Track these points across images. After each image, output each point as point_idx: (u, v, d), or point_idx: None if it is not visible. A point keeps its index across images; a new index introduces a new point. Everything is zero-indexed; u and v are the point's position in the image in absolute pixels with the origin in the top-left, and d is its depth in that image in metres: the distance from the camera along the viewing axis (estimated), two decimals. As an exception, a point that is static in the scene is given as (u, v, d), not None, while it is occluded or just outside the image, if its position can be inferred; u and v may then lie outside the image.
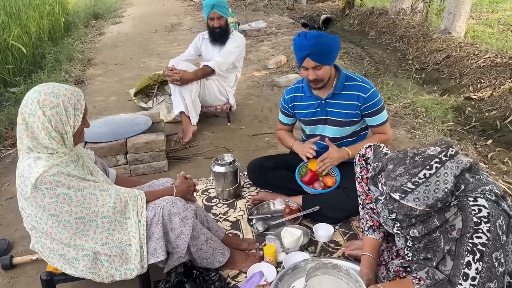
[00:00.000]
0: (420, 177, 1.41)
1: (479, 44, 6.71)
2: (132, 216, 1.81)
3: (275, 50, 6.44)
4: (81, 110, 1.74)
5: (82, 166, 1.82)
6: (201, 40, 3.95)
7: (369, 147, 1.95)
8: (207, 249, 2.01)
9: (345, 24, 10.93)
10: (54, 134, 1.65)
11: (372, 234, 1.95)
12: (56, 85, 1.70)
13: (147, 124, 3.30)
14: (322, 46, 2.23)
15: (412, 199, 1.44)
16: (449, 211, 1.53)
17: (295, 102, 2.57)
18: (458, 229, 1.50)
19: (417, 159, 1.45)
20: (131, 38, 8.20)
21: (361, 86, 2.40)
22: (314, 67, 2.27)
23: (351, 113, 2.43)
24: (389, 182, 1.49)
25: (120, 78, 5.73)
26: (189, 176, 2.12)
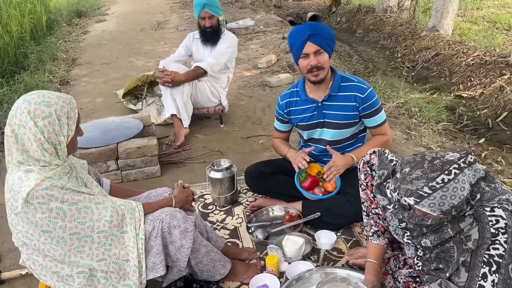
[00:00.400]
0: (438, 182, 1.36)
1: (467, 42, 6.74)
2: (130, 230, 1.72)
3: (265, 49, 6.36)
4: (74, 119, 1.64)
5: (76, 178, 1.72)
6: (191, 40, 3.84)
7: (373, 153, 1.90)
8: (208, 262, 1.93)
9: (332, 22, 10.89)
10: (47, 145, 1.55)
11: (377, 240, 1.89)
12: (46, 93, 1.60)
13: (138, 127, 3.20)
14: (320, 29, 2.21)
15: (428, 204, 1.38)
16: (464, 221, 1.48)
17: (291, 107, 2.49)
18: (474, 240, 1.45)
19: (436, 163, 1.39)
20: (116, 37, 8.02)
21: (358, 86, 2.34)
22: (316, 51, 2.20)
23: (349, 114, 2.37)
24: (403, 186, 1.43)
25: (106, 79, 5.59)
26: (187, 185, 2.03)
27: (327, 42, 2.23)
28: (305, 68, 2.26)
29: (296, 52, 2.25)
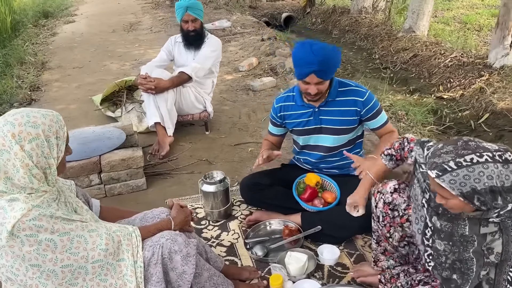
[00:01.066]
0: (466, 160, 1.28)
1: (444, 43, 6.81)
2: (127, 257, 1.57)
3: (245, 51, 6.24)
4: (63, 138, 1.49)
5: (65, 203, 1.55)
6: (173, 44, 3.68)
7: (394, 191, 1.78)
8: (210, 286, 1.80)
9: (307, 23, 10.88)
10: (36, 171, 1.38)
11: (386, 161, 1.86)
12: (29, 111, 1.43)
13: (121, 138, 3.01)
14: (329, 62, 2.10)
15: (449, 180, 1.29)
16: (486, 226, 1.40)
17: (285, 112, 2.41)
18: (497, 253, 1.39)
19: (470, 144, 1.31)
20: (87, 39, 7.71)
21: (356, 91, 2.30)
22: (317, 83, 2.13)
23: (347, 119, 2.31)
24: (431, 160, 1.34)
25: (80, 84, 5.33)
26: (184, 204, 1.89)
27: (331, 72, 2.17)
28: (303, 90, 2.23)
29: (298, 75, 2.18)
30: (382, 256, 1.97)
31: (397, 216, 1.77)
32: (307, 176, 2.39)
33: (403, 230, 1.79)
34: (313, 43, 2.14)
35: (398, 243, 1.84)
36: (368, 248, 2.26)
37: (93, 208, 1.84)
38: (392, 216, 1.79)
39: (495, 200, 1.29)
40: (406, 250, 1.87)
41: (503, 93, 4.61)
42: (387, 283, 1.92)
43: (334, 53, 2.14)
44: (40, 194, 1.43)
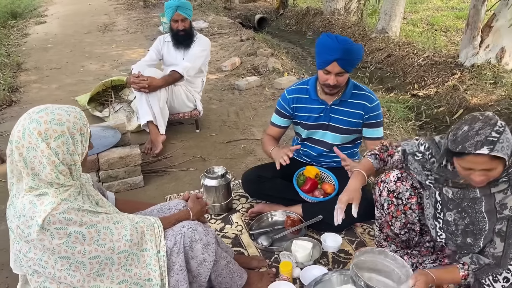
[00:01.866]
0: (499, 125, 1.43)
1: (415, 43, 7.10)
2: (151, 247, 1.61)
3: (225, 52, 6.30)
4: (87, 134, 1.51)
5: (87, 196, 1.59)
6: (162, 44, 3.70)
7: (398, 180, 1.88)
8: (226, 274, 1.87)
9: (281, 24, 11.04)
10: (62, 167, 1.41)
11: (372, 159, 1.94)
12: (54, 108, 1.45)
13: (116, 136, 3.03)
14: (352, 53, 2.16)
15: (500, 147, 1.41)
16: (497, 186, 1.55)
17: (298, 104, 2.45)
18: (510, 207, 1.53)
19: (487, 115, 1.47)
20: (62, 40, 7.58)
21: (368, 96, 2.37)
22: (338, 73, 2.18)
23: (353, 121, 2.39)
24: (470, 141, 1.43)
25: (60, 85, 5.25)
26: (200, 195, 1.95)
27: (353, 66, 2.22)
28: (322, 81, 2.25)
29: (320, 64, 2.22)
30: (384, 242, 2.09)
31: (401, 204, 1.88)
32: (307, 168, 2.48)
33: (406, 217, 1.90)
34: (338, 35, 2.22)
35: (399, 231, 1.95)
36: (368, 235, 2.38)
37: (109, 200, 1.87)
38: (397, 204, 1.89)
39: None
40: (406, 237, 1.99)
41: (475, 90, 4.88)
42: (390, 266, 2.03)
43: (357, 47, 2.20)
44: (67, 188, 1.46)
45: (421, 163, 1.77)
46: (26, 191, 1.43)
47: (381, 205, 1.96)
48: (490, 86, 4.95)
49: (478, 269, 1.57)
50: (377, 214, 2.02)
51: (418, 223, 1.90)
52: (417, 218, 1.88)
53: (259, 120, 3.97)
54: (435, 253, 1.98)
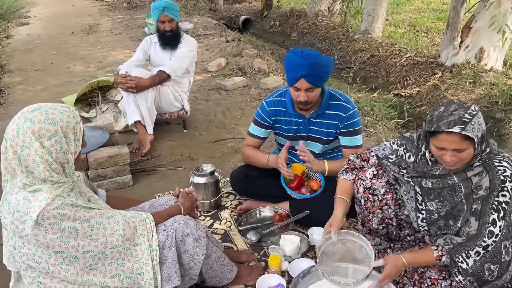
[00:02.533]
0: (473, 109, 1.55)
1: (398, 44, 7.25)
2: (143, 241, 1.65)
3: (211, 52, 6.34)
4: (80, 133, 1.54)
5: (80, 193, 1.62)
6: (149, 44, 3.73)
7: (373, 177, 1.93)
8: (217, 267, 1.91)
9: (266, 25, 11.12)
10: (55, 165, 1.45)
11: (345, 175, 2.03)
12: (47, 107, 1.48)
13: (104, 136, 3.05)
14: (319, 68, 2.14)
15: (471, 128, 1.52)
16: (472, 170, 1.65)
17: (277, 116, 2.46)
18: (485, 188, 1.63)
19: (462, 101, 1.60)
20: (46, 41, 7.51)
21: (343, 106, 2.35)
22: (308, 88, 2.17)
23: (331, 132, 2.41)
24: (444, 120, 1.54)
25: (45, 86, 5.23)
26: (191, 190, 1.99)
27: (322, 80, 2.20)
28: (294, 98, 2.26)
29: (289, 81, 2.22)
30: (368, 235, 2.16)
31: (377, 200, 1.95)
32: (293, 166, 2.54)
33: (382, 213, 1.97)
34: (304, 50, 2.21)
35: (377, 226, 2.02)
36: (353, 229, 2.45)
37: (100, 197, 1.90)
38: (373, 200, 1.95)
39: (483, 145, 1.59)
40: (385, 231, 2.06)
41: (456, 89, 5.02)
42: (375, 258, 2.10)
43: (325, 60, 2.18)
44: (60, 185, 1.49)
45: (396, 164, 1.84)
46: (20, 188, 1.46)
47: (359, 201, 2.02)
48: (469, 85, 5.10)
49: (452, 248, 1.66)
50: (357, 209, 2.09)
51: (394, 218, 1.96)
52: (393, 213, 1.94)
53: (246, 119, 4.02)
54: (417, 245, 2.05)
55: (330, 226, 1.87)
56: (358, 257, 1.84)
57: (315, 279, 2.00)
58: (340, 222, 1.89)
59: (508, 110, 4.43)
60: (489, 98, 4.69)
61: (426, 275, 1.83)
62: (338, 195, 2.00)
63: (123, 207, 1.91)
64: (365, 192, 1.95)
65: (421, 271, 1.86)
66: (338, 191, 2.02)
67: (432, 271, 1.82)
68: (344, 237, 1.89)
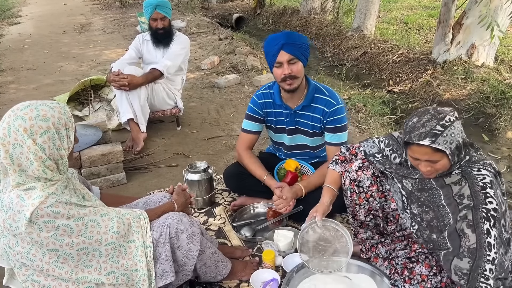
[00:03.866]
0: (447, 120, 1.53)
1: (390, 41, 7.27)
2: (137, 238, 1.66)
3: (204, 50, 6.34)
4: (72, 129, 1.54)
5: (74, 190, 1.62)
6: (141, 42, 3.73)
7: (359, 169, 1.95)
8: (211, 263, 1.92)
9: (259, 24, 11.10)
10: (49, 162, 1.44)
11: (334, 167, 2.06)
12: (37, 104, 1.47)
13: (97, 134, 3.04)
14: (294, 37, 2.21)
15: (442, 141, 1.52)
16: (449, 177, 1.65)
17: (268, 109, 2.49)
18: (467, 196, 1.62)
19: (438, 110, 1.57)
20: (38, 41, 7.47)
21: (327, 101, 2.36)
22: (289, 60, 2.18)
23: (316, 125, 2.42)
24: (416, 132, 1.54)
25: (37, 85, 5.20)
26: (185, 187, 2.00)
27: (301, 51, 2.22)
28: (279, 77, 2.26)
29: (271, 60, 2.24)
30: (360, 228, 2.17)
31: (362, 192, 1.96)
32: (287, 162, 2.56)
33: (368, 204, 1.98)
34: None
35: (365, 218, 2.04)
36: (346, 223, 2.47)
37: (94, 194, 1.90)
38: (358, 192, 1.97)
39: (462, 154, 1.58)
40: (373, 223, 2.07)
41: (448, 85, 5.05)
42: (368, 252, 2.13)
43: (299, 34, 2.28)
44: (54, 182, 1.49)
45: (381, 163, 1.86)
46: (13, 187, 1.45)
47: (346, 193, 2.04)
48: (461, 81, 5.13)
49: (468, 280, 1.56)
50: (346, 202, 2.10)
51: (380, 210, 1.98)
52: (378, 205, 1.96)
53: (239, 117, 4.03)
54: (405, 240, 2.07)
55: (316, 212, 1.91)
56: (337, 246, 1.92)
57: (309, 274, 2.01)
58: (326, 209, 1.95)
59: (499, 105, 4.47)
60: (480, 94, 4.72)
61: (416, 271, 1.85)
62: (326, 184, 2.05)
63: (117, 204, 1.91)
64: (351, 184, 1.98)
65: (411, 266, 1.88)
66: (327, 181, 2.07)
67: (422, 267, 1.84)
68: (327, 224, 1.94)
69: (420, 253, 1.88)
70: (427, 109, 1.60)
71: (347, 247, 1.88)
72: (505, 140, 4.20)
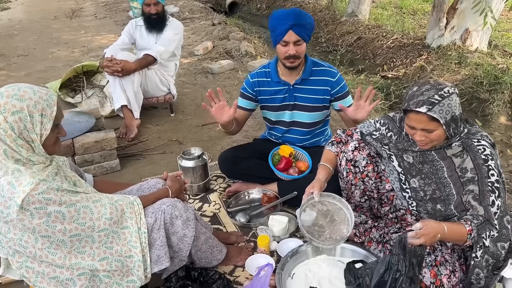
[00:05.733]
0: (445, 91, 1.57)
1: (384, 26, 7.24)
2: (131, 224, 1.65)
3: (197, 36, 6.28)
4: (50, 117, 1.47)
5: (65, 177, 1.61)
6: (134, 28, 3.68)
7: (355, 149, 1.98)
8: (206, 249, 1.93)
9: (252, 8, 11.00)
10: (20, 142, 1.42)
11: (331, 147, 2.11)
12: (24, 86, 1.46)
13: (90, 121, 3.02)
14: (304, 18, 2.21)
15: (438, 110, 1.56)
16: (451, 148, 1.69)
17: (261, 87, 2.50)
18: (470, 169, 1.66)
19: (439, 81, 1.62)
20: (28, 26, 7.36)
21: (328, 71, 2.42)
22: (296, 41, 2.22)
23: (318, 98, 2.44)
24: (414, 100, 1.58)
25: (29, 71, 5.14)
26: (179, 173, 1.99)
27: (307, 33, 2.25)
28: (282, 55, 2.28)
29: (276, 38, 2.25)
30: (354, 212, 2.19)
31: (358, 172, 1.99)
32: (281, 148, 2.56)
33: (364, 184, 2.01)
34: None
35: (360, 199, 2.07)
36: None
37: (87, 182, 1.89)
38: (354, 172, 2.00)
39: (460, 127, 1.62)
40: (368, 204, 2.10)
41: (441, 70, 5.06)
42: (361, 236, 2.14)
43: (308, 14, 2.27)
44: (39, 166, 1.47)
45: (379, 140, 1.89)
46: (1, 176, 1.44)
47: (342, 174, 2.07)
48: (455, 66, 5.13)
49: (480, 224, 1.62)
50: (341, 184, 2.12)
51: (375, 190, 2.01)
52: (374, 185, 2.00)
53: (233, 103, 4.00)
54: (399, 223, 2.09)
55: (313, 188, 1.93)
56: (336, 218, 1.94)
57: (304, 258, 2.03)
58: (322, 185, 1.96)
59: (492, 90, 4.49)
60: (474, 79, 4.73)
61: None
62: (321, 163, 2.07)
63: (111, 191, 1.90)
64: (347, 164, 2.00)
65: None
66: (322, 160, 2.09)
67: None
68: (325, 199, 1.96)
69: (414, 235, 1.90)
70: (428, 80, 1.65)
71: (346, 219, 1.91)
72: (498, 125, 4.23)
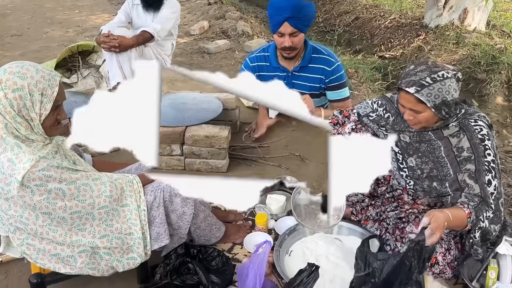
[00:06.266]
0: (439, 75, 1.54)
1: (382, 6, 7.17)
2: (131, 202, 1.67)
3: (193, 15, 6.20)
4: (51, 97, 1.46)
5: (65, 156, 1.61)
6: (131, 6, 3.63)
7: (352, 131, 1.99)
8: (205, 226, 1.95)
9: (248, -12, 10.84)
10: (19, 119, 1.43)
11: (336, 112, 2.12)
12: (28, 64, 1.45)
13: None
14: (302, 10, 2.17)
15: (426, 93, 1.54)
16: (448, 129, 1.69)
17: (261, 72, 2.47)
18: (467, 148, 1.66)
19: (438, 64, 1.59)
20: (21, 6, 7.24)
21: (326, 60, 2.37)
22: (292, 33, 2.19)
23: (315, 86, 2.41)
24: (407, 79, 1.56)
25: (23, 51, 5.08)
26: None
27: (304, 24, 2.20)
28: (279, 45, 2.25)
29: (273, 27, 2.21)
30: None
31: None
32: None
33: None
34: None
35: None
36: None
37: (86, 161, 1.89)
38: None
39: (455, 110, 1.61)
40: None
41: (439, 50, 5.04)
42: (358, 214, 2.17)
43: (308, 3, 2.21)
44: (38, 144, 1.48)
45: (375, 121, 1.89)
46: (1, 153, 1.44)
47: None
48: (453, 46, 5.11)
49: (476, 205, 1.62)
50: None
51: None
52: None
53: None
54: (395, 201, 2.12)
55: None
56: None
57: (301, 236, 2.06)
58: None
59: (489, 70, 4.48)
60: (471, 59, 4.72)
61: (407, 230, 1.90)
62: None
63: (110, 170, 1.90)
64: None
65: (402, 226, 1.93)
66: None
67: (413, 226, 1.89)
68: None
69: (410, 213, 1.92)
70: (427, 61, 1.62)
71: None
72: (495, 106, 4.24)
